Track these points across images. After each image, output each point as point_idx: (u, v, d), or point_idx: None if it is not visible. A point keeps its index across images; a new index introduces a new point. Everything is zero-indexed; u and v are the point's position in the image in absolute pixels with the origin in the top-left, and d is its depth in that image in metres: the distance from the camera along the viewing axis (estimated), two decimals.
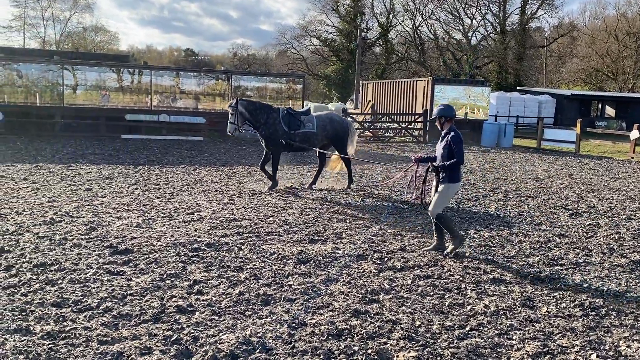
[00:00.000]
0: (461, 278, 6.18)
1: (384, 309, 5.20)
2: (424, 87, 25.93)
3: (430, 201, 7.05)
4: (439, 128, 7.01)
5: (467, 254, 7.08)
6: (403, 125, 25.02)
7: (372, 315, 5.04)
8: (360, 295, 5.50)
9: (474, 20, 56.81)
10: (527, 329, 4.89)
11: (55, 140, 18.62)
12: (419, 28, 57.80)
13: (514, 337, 4.70)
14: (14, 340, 4.18)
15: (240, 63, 69.13)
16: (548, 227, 8.87)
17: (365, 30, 56.49)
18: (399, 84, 28.71)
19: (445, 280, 6.08)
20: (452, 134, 6.76)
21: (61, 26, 63.27)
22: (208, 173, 13.27)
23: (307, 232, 7.86)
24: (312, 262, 6.47)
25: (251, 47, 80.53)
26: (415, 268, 6.46)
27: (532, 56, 58.27)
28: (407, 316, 5.04)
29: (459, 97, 26.39)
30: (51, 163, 13.68)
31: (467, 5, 55.65)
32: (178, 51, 78.36)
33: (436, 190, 6.96)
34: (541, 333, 4.82)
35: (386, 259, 6.77)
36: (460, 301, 5.49)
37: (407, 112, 26.54)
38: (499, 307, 5.34)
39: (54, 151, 15.97)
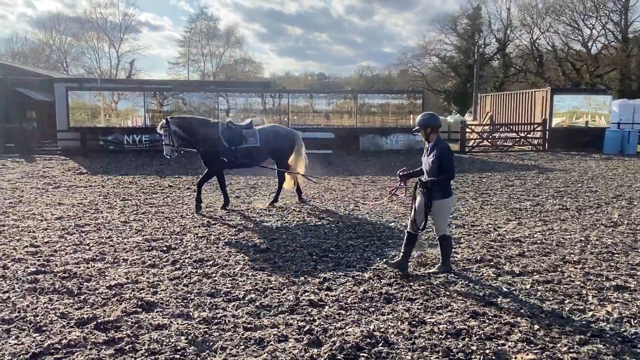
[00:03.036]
0: (582, 284, 5.64)
1: (502, 311, 4.90)
2: (543, 97, 24.21)
3: (411, 219, 5.90)
4: (423, 139, 5.97)
5: (588, 261, 6.46)
6: (522, 135, 23.57)
7: (490, 317, 4.76)
8: (479, 298, 5.23)
9: (593, 30, 51.95)
10: None
11: None
12: (537, 41, 54.17)
13: (638, 345, 4.19)
14: (177, 324, 4.54)
15: (365, 83, 69.59)
16: None
17: (483, 46, 54.16)
18: (517, 95, 27.10)
19: (565, 286, 5.58)
20: (441, 146, 5.75)
21: (217, 60, 68.33)
22: (337, 182, 13.48)
23: (426, 237, 7.65)
24: (431, 265, 6.29)
25: (375, 68, 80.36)
26: (534, 273, 6.01)
27: None
28: (526, 320, 4.70)
29: (580, 105, 24.28)
30: None
31: (586, 16, 51.13)
32: (312, 76, 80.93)
33: (426, 208, 5.77)
34: None
35: (504, 263, 6.38)
36: (581, 307, 5.00)
37: (526, 122, 24.95)
38: (623, 315, 4.79)
39: None
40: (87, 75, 57.64)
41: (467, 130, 23.74)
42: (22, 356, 3.93)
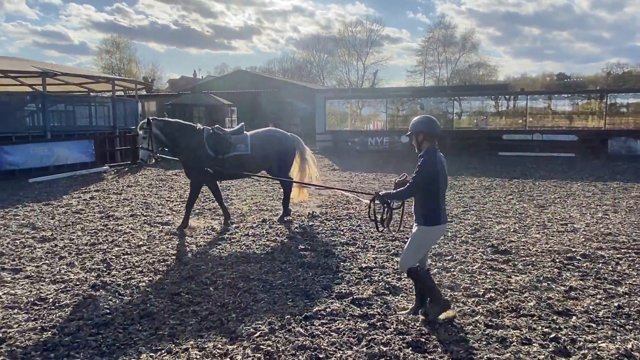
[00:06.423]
0: None
1: None
2: None
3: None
4: (416, 149, 4.56)
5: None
6: None
7: None
8: None
9: None
10: None
11: (447, 157, 19.82)
12: None
13: None
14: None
15: (614, 81, 59.75)
16: None
17: None
18: None
19: None
20: (423, 158, 4.32)
21: (452, 66, 67.27)
22: (580, 187, 11.94)
23: None
24: None
25: (627, 64, 67.83)
26: None
27: None
28: None
29: None
30: None
31: None
32: (550, 76, 72.98)
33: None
34: None
35: None
36: None
37: None
38: None
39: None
40: (338, 86, 63.08)
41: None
42: (297, 316, 4.53)
